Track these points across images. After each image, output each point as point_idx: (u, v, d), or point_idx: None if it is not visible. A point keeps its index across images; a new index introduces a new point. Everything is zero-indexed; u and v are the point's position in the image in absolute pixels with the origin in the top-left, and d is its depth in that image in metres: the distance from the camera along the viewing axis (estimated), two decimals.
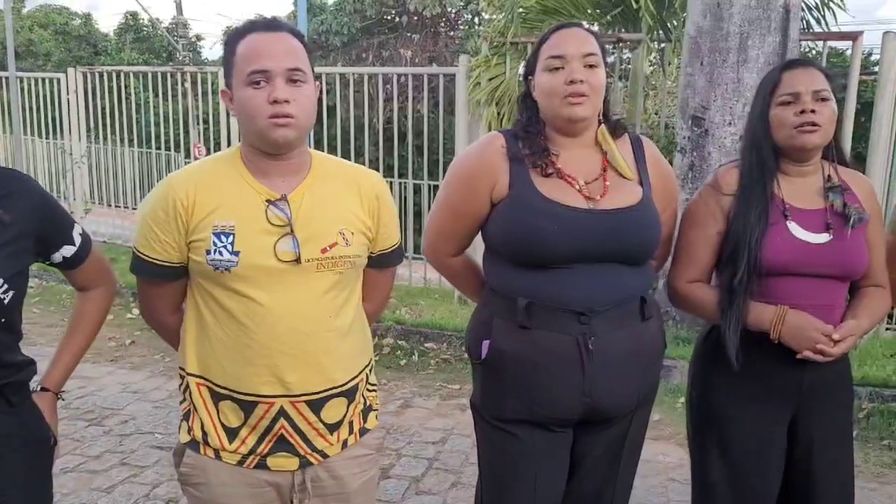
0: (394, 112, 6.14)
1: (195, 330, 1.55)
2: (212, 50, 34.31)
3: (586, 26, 1.82)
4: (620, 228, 1.71)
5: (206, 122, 7.65)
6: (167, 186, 1.52)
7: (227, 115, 6.47)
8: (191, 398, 1.57)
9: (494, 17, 5.62)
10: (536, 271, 1.71)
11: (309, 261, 1.50)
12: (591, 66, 1.71)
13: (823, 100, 1.80)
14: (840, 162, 1.93)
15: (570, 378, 1.70)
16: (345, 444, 1.62)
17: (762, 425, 1.88)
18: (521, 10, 5.46)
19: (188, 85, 7.31)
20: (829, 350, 1.72)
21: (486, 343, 1.78)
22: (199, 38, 23.84)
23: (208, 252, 1.47)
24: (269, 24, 1.48)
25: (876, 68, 4.96)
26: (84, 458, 3.34)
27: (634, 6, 4.91)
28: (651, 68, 6.43)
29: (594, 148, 1.80)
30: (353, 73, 6.48)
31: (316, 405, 1.54)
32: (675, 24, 5.25)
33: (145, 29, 22.59)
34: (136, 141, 9.08)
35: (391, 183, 7.14)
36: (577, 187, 1.73)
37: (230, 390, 1.52)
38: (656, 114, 6.20)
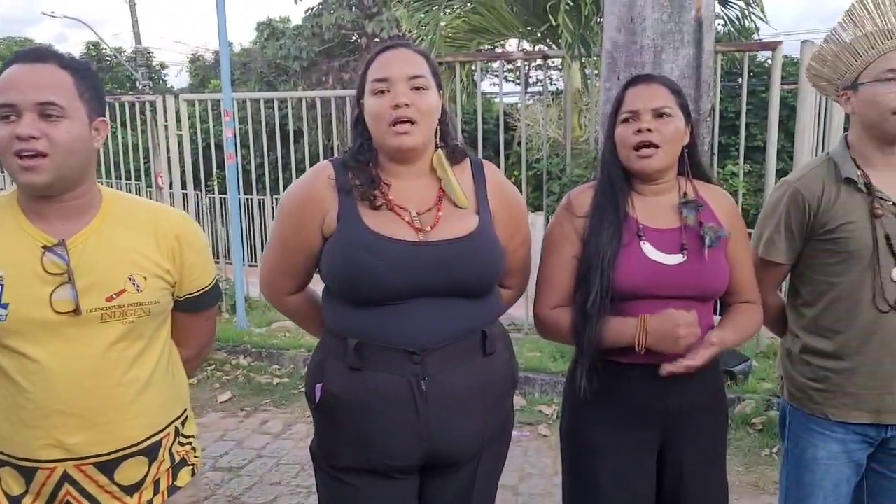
0: (332, 133, 6.03)
1: None
2: (178, 77, 34.15)
3: (415, 47, 1.74)
4: (451, 260, 1.61)
5: (169, 150, 7.46)
6: None
7: (173, 143, 6.33)
8: None
9: (415, 33, 5.52)
10: (367, 309, 1.62)
11: (91, 311, 1.38)
12: (418, 89, 1.63)
13: (663, 116, 1.73)
14: (699, 177, 1.86)
15: (404, 421, 1.61)
16: None
17: (631, 454, 1.81)
18: (449, 29, 5.39)
19: (148, 114, 7.15)
20: (690, 362, 1.66)
21: (318, 387, 1.68)
22: (163, 66, 23.68)
23: None
24: (31, 55, 1.38)
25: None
26: None
27: (554, 23, 4.86)
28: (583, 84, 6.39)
29: (430, 176, 1.71)
30: (290, 98, 6.36)
31: (107, 467, 1.43)
32: (595, 40, 5.20)
33: (108, 59, 22.42)
34: (99, 172, 8.88)
35: None
36: (407, 219, 1.64)
37: (8, 456, 1.40)
38: (597, 130, 6.17)
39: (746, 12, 5.25)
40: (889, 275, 1.77)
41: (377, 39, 15.38)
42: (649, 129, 1.72)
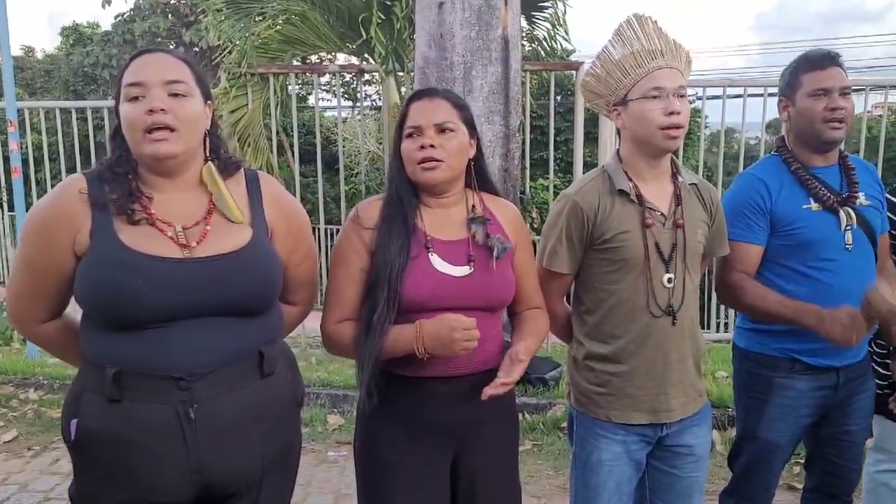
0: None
1: None
2: None
3: (177, 53, 1.62)
4: (219, 277, 1.51)
5: None
6: None
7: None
8: None
9: (223, 43, 5.29)
10: (127, 334, 1.48)
11: None
12: (177, 95, 1.51)
13: (446, 131, 1.74)
14: (486, 190, 1.89)
15: (172, 454, 1.48)
16: None
17: (423, 468, 1.79)
18: (261, 38, 5.22)
19: None
20: (507, 379, 1.66)
21: (73, 423, 1.52)
22: None
23: None
24: None
25: None
26: None
27: (366, 37, 4.85)
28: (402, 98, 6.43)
29: (199, 189, 1.60)
30: (89, 108, 5.88)
31: None
32: (409, 55, 5.26)
33: None
34: None
35: None
36: (170, 234, 1.52)
37: None
38: None
39: (552, 33, 5.54)
40: (661, 281, 1.87)
41: (196, 49, 14.76)
42: (432, 146, 1.71)
